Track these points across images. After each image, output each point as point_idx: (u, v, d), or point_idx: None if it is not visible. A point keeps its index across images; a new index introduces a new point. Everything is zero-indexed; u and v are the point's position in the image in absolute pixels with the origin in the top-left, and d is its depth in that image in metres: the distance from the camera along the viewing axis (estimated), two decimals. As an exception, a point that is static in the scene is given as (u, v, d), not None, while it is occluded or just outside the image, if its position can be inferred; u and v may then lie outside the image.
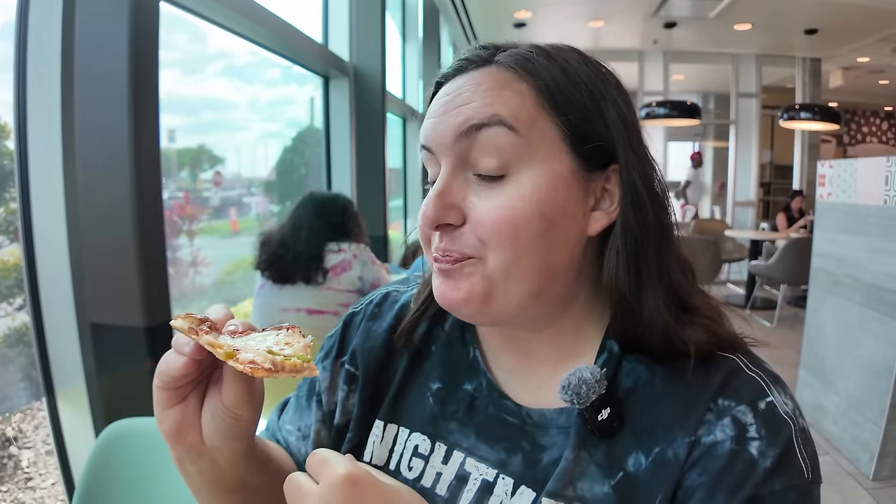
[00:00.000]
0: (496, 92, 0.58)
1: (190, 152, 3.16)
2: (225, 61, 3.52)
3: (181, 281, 2.99)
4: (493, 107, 0.58)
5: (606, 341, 0.64)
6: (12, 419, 2.17)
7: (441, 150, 0.60)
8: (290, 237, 2.53)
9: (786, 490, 0.55)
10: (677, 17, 7.15)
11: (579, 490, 0.59)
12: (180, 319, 0.53)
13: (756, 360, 0.62)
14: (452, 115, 0.59)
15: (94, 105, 1.66)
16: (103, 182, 1.67)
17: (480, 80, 0.60)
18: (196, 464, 0.60)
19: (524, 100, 0.58)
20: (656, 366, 0.62)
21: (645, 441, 0.59)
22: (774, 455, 0.55)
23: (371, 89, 4.31)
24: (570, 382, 0.59)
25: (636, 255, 0.59)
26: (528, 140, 0.57)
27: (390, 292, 0.81)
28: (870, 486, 2.96)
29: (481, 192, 0.58)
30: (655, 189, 0.62)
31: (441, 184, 0.59)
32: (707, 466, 0.56)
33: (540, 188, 0.57)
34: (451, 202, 0.59)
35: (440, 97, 0.62)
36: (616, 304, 0.60)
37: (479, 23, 7.81)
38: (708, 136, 11.54)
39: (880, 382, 2.95)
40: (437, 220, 0.58)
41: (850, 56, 8.54)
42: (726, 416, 0.57)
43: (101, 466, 1.42)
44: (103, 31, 1.64)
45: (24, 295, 1.78)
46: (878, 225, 3.01)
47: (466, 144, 0.58)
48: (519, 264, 0.57)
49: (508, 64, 0.60)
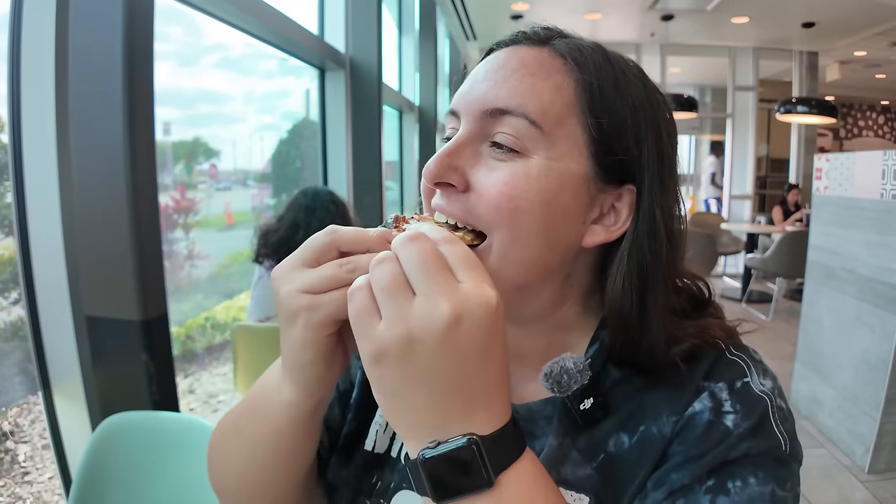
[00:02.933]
0: (535, 80, 0.58)
1: (185, 145, 3.15)
2: (220, 53, 3.50)
3: (177, 274, 2.98)
4: (524, 96, 0.57)
5: (600, 332, 0.64)
6: (8, 413, 2.16)
7: (465, 115, 0.60)
8: (300, 217, 2.57)
9: (760, 455, 0.55)
10: (674, 10, 7.13)
11: (563, 474, 0.60)
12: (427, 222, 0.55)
13: (739, 346, 0.63)
14: (485, 87, 0.59)
15: (89, 98, 1.65)
16: (98, 175, 1.66)
17: (526, 61, 0.59)
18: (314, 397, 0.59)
19: (560, 93, 0.58)
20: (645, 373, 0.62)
21: (628, 423, 0.60)
22: (749, 425, 0.56)
23: (367, 81, 4.29)
24: (551, 371, 0.59)
25: (643, 287, 0.59)
26: (549, 135, 0.57)
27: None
28: (865, 479, 2.97)
29: (491, 164, 0.58)
30: (672, 223, 0.61)
31: (454, 143, 0.59)
32: (685, 436, 0.57)
33: (548, 177, 0.57)
34: (458, 164, 0.58)
35: (485, 63, 0.62)
36: (616, 328, 0.60)
37: (476, 14, 7.79)
38: (705, 129, 11.55)
39: (876, 375, 2.97)
40: (438, 177, 0.58)
41: (848, 50, 8.53)
42: (705, 392, 0.59)
43: (97, 460, 1.42)
44: (98, 22, 1.62)
45: (20, 289, 1.77)
46: (875, 218, 3.02)
47: (489, 120, 0.58)
48: (512, 250, 0.57)
49: (561, 51, 0.60)
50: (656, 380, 0.61)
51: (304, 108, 4.36)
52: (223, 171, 3.48)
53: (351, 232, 0.53)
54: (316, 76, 4.14)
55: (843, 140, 12.43)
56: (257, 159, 4.00)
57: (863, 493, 2.87)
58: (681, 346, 0.59)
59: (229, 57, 3.60)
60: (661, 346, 0.59)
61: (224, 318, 3.70)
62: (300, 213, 2.59)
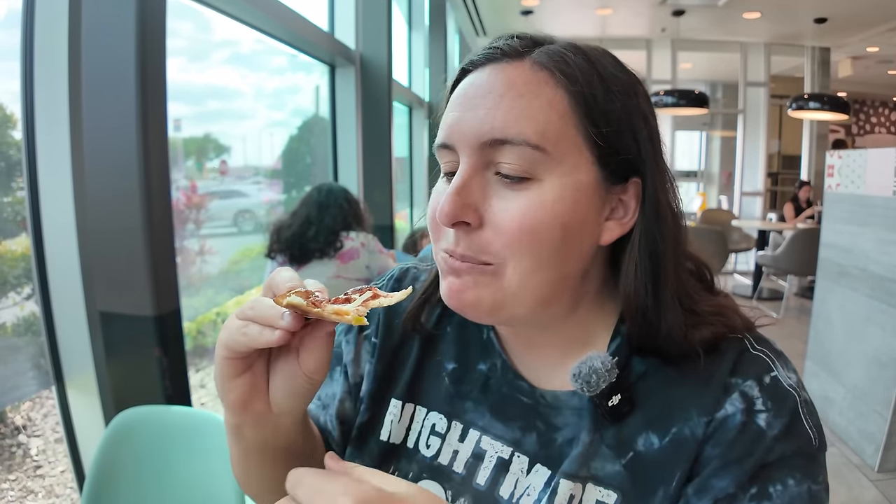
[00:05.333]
0: (526, 100, 0.56)
1: (196, 141, 3.16)
2: (231, 49, 3.51)
3: (188, 270, 3.00)
4: (520, 122, 0.55)
5: (620, 327, 0.65)
6: (21, 408, 2.18)
7: (462, 148, 0.58)
8: (313, 213, 2.60)
9: (794, 455, 0.57)
10: (686, 5, 7.08)
11: (593, 469, 0.61)
12: (294, 296, 0.52)
13: (762, 339, 0.63)
14: (478, 116, 0.57)
15: (102, 95, 1.66)
16: (111, 171, 1.67)
17: (512, 81, 0.57)
18: (257, 430, 0.60)
19: (555, 109, 0.56)
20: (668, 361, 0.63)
21: (657, 422, 0.61)
22: (782, 424, 0.57)
23: (377, 78, 4.29)
24: (580, 371, 0.60)
25: (656, 272, 0.60)
26: (554, 154, 0.56)
27: (409, 268, 0.81)
28: (875, 478, 2.96)
29: (502, 193, 0.57)
30: (673, 203, 0.62)
31: (461, 180, 0.57)
32: (720, 439, 0.58)
33: (563, 199, 0.56)
34: (470, 201, 0.57)
35: (466, 88, 0.60)
36: (632, 317, 0.61)
37: (486, 10, 7.77)
38: (716, 125, 11.47)
39: (887, 374, 2.95)
40: (455, 217, 0.57)
41: (860, 45, 8.46)
42: (735, 391, 0.59)
43: (111, 454, 1.44)
44: (110, 19, 1.63)
45: (34, 284, 1.78)
46: (887, 216, 3.00)
47: (489, 150, 0.57)
48: (535, 275, 0.57)
49: (544, 63, 0.58)
50: (681, 371, 0.61)
51: (314, 104, 4.37)
52: (233, 167, 3.49)
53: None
54: (326, 72, 4.15)
55: (854, 136, 12.32)
56: (267, 156, 4.02)
57: (872, 493, 2.86)
58: (701, 332, 0.60)
59: (239, 53, 3.61)
60: (680, 328, 0.59)
61: (235, 314, 3.70)
62: (313, 210, 2.60)
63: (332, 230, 2.58)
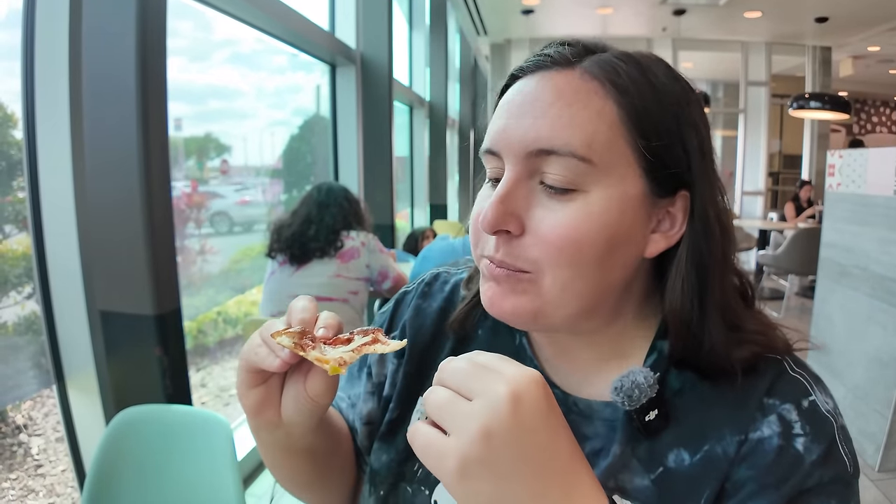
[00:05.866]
0: (574, 110, 0.55)
1: (196, 141, 3.16)
2: (231, 49, 3.52)
3: (189, 269, 3.00)
4: (567, 132, 0.54)
5: (658, 343, 0.64)
6: (22, 407, 2.18)
7: (508, 156, 0.57)
8: (313, 212, 2.60)
9: (831, 482, 0.56)
10: (686, 4, 7.08)
11: (620, 481, 0.61)
12: (285, 336, 0.54)
13: (799, 362, 0.63)
14: (525, 125, 0.56)
15: (103, 95, 1.66)
16: (112, 171, 1.68)
17: (561, 90, 0.56)
18: (272, 434, 0.63)
19: (603, 120, 0.55)
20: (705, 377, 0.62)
21: (690, 439, 0.60)
22: (820, 450, 0.56)
23: (378, 77, 4.30)
24: (622, 385, 0.59)
25: (703, 287, 0.58)
26: (601, 165, 0.55)
27: (440, 273, 0.81)
28: (875, 478, 2.96)
29: (547, 203, 0.56)
30: (722, 217, 0.60)
31: (505, 188, 0.56)
32: (755, 461, 0.57)
33: (609, 211, 0.55)
34: (513, 209, 0.56)
35: (514, 95, 0.59)
36: (677, 331, 0.60)
37: (487, 9, 7.76)
38: (717, 124, 11.46)
39: (887, 374, 2.95)
40: (497, 226, 0.56)
41: (861, 45, 8.45)
42: (772, 413, 0.58)
43: (111, 453, 1.44)
44: (111, 19, 1.63)
45: (34, 283, 1.78)
46: (888, 216, 2.99)
47: (535, 159, 0.56)
48: (575, 285, 0.56)
49: (594, 73, 0.56)
50: (717, 389, 0.60)
51: (314, 103, 4.37)
52: (234, 166, 3.49)
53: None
54: (327, 72, 4.15)
55: (855, 136, 12.32)
56: (268, 155, 4.02)
57: (873, 492, 2.85)
58: (742, 351, 0.59)
59: (240, 53, 3.61)
60: (724, 344, 0.59)
61: (236, 313, 3.72)
62: (313, 209, 2.60)
63: (332, 229, 2.57)
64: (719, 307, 0.59)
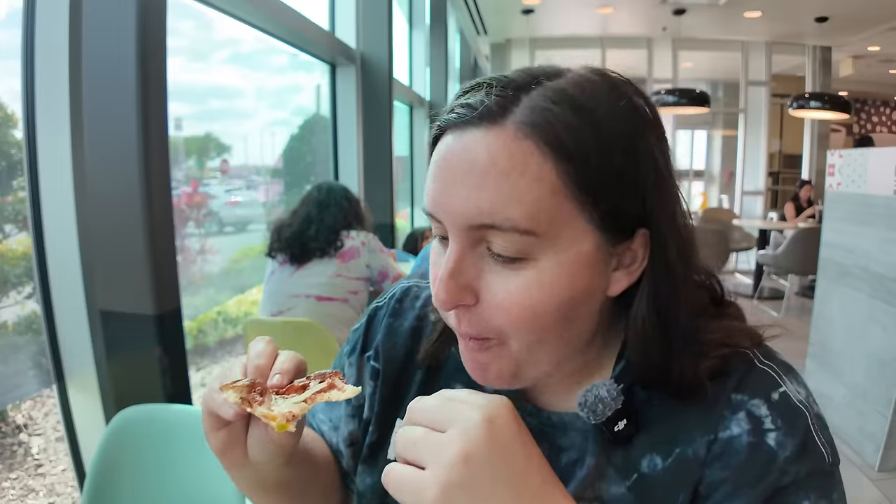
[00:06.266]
0: (512, 180, 0.51)
1: (196, 140, 3.16)
2: (232, 49, 3.51)
3: (189, 269, 3.00)
4: (508, 207, 0.51)
5: (625, 352, 0.62)
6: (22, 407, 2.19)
7: (449, 226, 0.55)
8: (313, 211, 2.60)
9: (809, 476, 0.55)
10: (687, 4, 7.08)
11: (598, 491, 0.60)
12: (231, 392, 0.54)
13: (768, 353, 0.62)
14: (461, 196, 0.53)
15: (103, 94, 1.66)
16: (112, 170, 1.67)
17: (494, 156, 0.51)
18: (240, 471, 0.63)
19: (544, 186, 0.51)
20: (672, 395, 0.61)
21: (661, 444, 0.59)
22: (794, 444, 0.55)
23: (378, 77, 4.29)
24: (586, 400, 0.59)
25: (665, 321, 0.57)
26: (547, 234, 0.52)
27: (411, 287, 0.80)
28: (875, 477, 2.96)
29: (497, 270, 0.54)
30: (683, 235, 0.58)
31: (453, 263, 0.54)
32: (728, 461, 0.56)
33: (561, 277, 0.53)
34: (466, 282, 0.55)
35: (445, 153, 0.54)
36: (641, 361, 0.59)
37: (487, 9, 7.76)
38: (717, 124, 11.47)
39: (887, 373, 2.95)
40: (453, 303, 0.55)
41: (861, 45, 8.45)
42: (741, 410, 0.57)
43: (111, 453, 1.44)
44: (111, 18, 1.63)
45: (34, 283, 1.78)
46: (888, 215, 2.99)
47: (478, 231, 0.53)
48: (541, 346, 0.56)
49: (527, 132, 0.51)
50: (686, 399, 0.60)
51: (314, 103, 4.37)
52: (234, 166, 3.49)
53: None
54: (327, 71, 4.15)
55: (855, 136, 12.31)
56: (268, 155, 4.02)
57: (873, 492, 2.85)
58: (708, 363, 0.58)
59: (240, 52, 3.61)
60: (689, 368, 0.58)
61: (236, 313, 3.72)
62: (313, 209, 2.60)
63: (332, 229, 2.57)
64: (683, 333, 0.58)
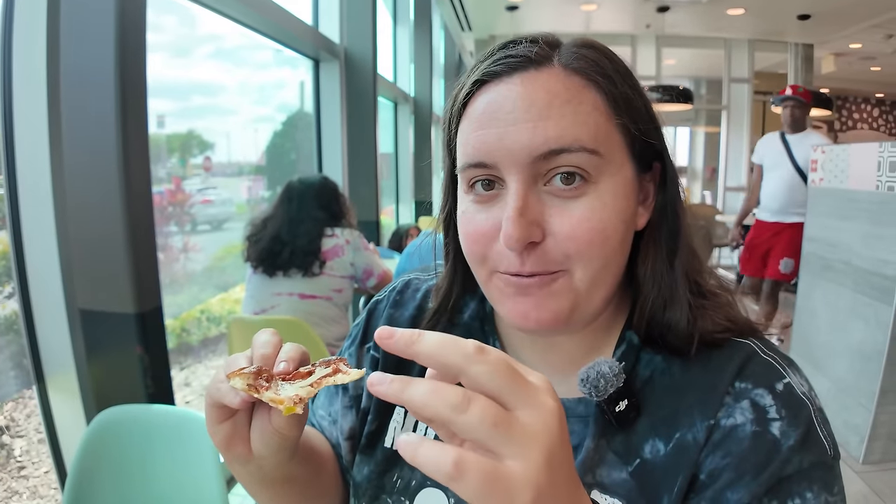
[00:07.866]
0: (573, 106, 0.55)
1: (179, 137, 3.13)
2: (214, 44, 3.48)
3: (172, 267, 2.97)
4: (574, 129, 0.54)
5: (626, 332, 0.65)
6: (4, 408, 2.15)
7: (509, 166, 0.56)
8: (283, 230, 2.45)
9: (811, 467, 0.55)
10: (670, 1, 7.12)
11: (598, 476, 0.60)
12: (238, 378, 0.52)
13: (770, 345, 0.63)
14: (526, 130, 0.55)
15: (82, 90, 1.63)
16: (92, 169, 1.65)
17: (552, 88, 0.55)
18: (244, 467, 0.61)
19: (600, 113, 0.56)
20: (673, 357, 0.62)
21: (663, 428, 0.60)
22: (797, 435, 0.56)
23: (362, 72, 4.27)
24: (588, 376, 0.59)
25: (674, 249, 0.62)
26: (606, 155, 0.56)
27: (411, 280, 0.81)
28: (860, 470, 2.99)
29: (559, 203, 0.56)
30: (678, 183, 0.63)
31: (520, 201, 0.55)
32: (730, 449, 0.56)
33: (618, 197, 0.57)
34: (534, 218, 0.55)
35: (495, 101, 0.57)
36: (647, 296, 0.62)
37: (471, 5, 7.76)
38: (700, 121, 11.54)
39: (871, 366, 2.97)
40: (526, 240, 0.55)
41: (843, 42, 8.54)
42: (744, 398, 0.58)
43: (92, 453, 1.42)
44: (89, 15, 1.61)
45: (13, 283, 1.76)
46: (870, 210, 3.02)
47: (542, 162, 0.55)
48: (602, 274, 0.58)
49: (575, 67, 0.57)
50: (687, 374, 0.60)
51: (298, 99, 4.34)
52: (218, 163, 3.46)
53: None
54: (311, 67, 4.12)
55: (837, 132, 12.44)
56: (252, 151, 3.99)
57: (858, 485, 2.88)
58: (706, 323, 0.61)
59: (223, 48, 3.58)
60: (689, 308, 0.60)
61: (219, 311, 3.69)
62: (284, 227, 2.47)
63: (307, 251, 2.45)
64: (686, 265, 0.62)
